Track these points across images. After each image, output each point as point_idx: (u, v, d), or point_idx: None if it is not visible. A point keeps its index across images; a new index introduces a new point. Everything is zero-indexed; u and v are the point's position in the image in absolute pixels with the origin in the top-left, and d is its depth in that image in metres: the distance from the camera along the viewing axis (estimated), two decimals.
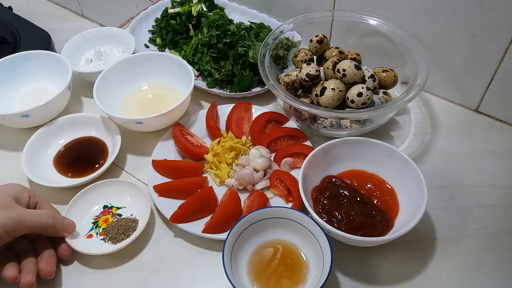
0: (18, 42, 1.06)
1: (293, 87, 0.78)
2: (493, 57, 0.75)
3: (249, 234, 0.61)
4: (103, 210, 0.71)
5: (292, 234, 0.63)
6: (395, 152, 0.66)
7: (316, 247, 0.59)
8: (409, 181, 0.64)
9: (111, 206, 0.71)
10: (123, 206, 0.71)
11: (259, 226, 0.62)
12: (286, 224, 0.62)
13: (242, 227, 0.61)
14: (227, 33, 0.90)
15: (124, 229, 0.66)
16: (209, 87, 0.87)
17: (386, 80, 0.78)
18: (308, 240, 0.61)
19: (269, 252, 0.62)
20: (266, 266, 0.60)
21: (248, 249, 0.62)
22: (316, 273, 0.58)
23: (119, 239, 0.66)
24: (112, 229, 0.66)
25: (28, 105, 0.79)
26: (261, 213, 0.62)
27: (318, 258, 0.59)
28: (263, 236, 0.63)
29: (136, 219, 0.68)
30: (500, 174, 0.73)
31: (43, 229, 0.62)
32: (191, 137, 0.79)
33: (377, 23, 0.81)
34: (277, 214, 0.62)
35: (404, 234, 0.57)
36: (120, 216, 0.70)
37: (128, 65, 0.86)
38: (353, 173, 0.70)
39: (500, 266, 0.62)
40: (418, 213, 0.58)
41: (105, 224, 0.69)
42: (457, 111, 0.84)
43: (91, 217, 0.70)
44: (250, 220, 0.61)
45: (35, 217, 0.61)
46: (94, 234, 0.67)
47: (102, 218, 0.70)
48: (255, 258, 0.61)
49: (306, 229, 0.61)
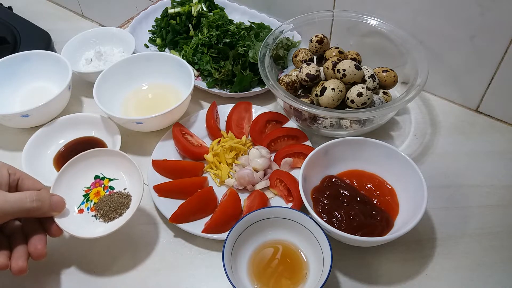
0: (18, 42, 1.06)
1: (293, 87, 0.78)
2: (493, 57, 0.75)
3: (249, 234, 0.61)
4: (94, 181, 0.68)
5: (292, 234, 0.63)
6: (395, 152, 0.66)
7: (316, 247, 0.59)
8: (409, 181, 0.64)
9: (103, 177, 0.68)
10: (116, 178, 0.68)
11: (259, 226, 0.62)
12: (286, 224, 0.62)
13: (242, 227, 0.61)
14: (227, 33, 0.90)
15: (116, 206, 0.64)
16: (209, 87, 0.87)
17: (386, 80, 0.78)
18: (308, 240, 0.61)
19: (269, 252, 0.62)
20: (266, 266, 0.60)
21: (248, 249, 0.62)
22: (316, 273, 0.58)
23: (111, 217, 0.63)
24: (104, 205, 0.64)
25: (28, 105, 0.79)
26: (261, 213, 0.62)
27: (318, 258, 0.59)
28: (263, 236, 0.63)
29: (129, 195, 0.66)
30: (500, 174, 0.73)
31: (28, 213, 0.57)
32: (191, 137, 0.79)
33: (377, 23, 0.81)
34: (277, 214, 0.62)
35: (404, 234, 0.57)
36: (112, 190, 0.67)
37: (128, 65, 0.86)
38: (353, 173, 0.70)
39: (500, 266, 0.62)
40: (418, 213, 0.58)
41: (97, 198, 0.66)
42: (457, 111, 0.84)
43: (82, 189, 0.67)
44: (250, 220, 0.61)
45: (17, 202, 0.55)
46: (85, 209, 0.65)
47: (94, 190, 0.67)
48: (255, 258, 0.61)
49: (306, 229, 0.61)
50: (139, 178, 0.65)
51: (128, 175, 0.68)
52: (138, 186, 0.65)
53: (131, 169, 0.67)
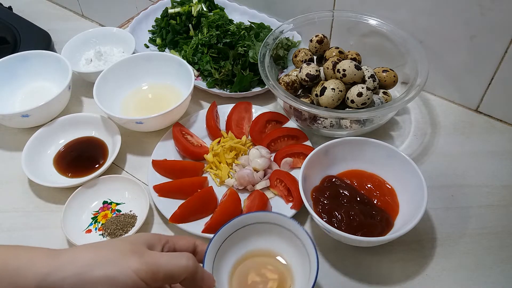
0: (18, 42, 1.06)
1: (293, 87, 0.78)
2: (493, 57, 0.75)
3: (231, 243, 0.57)
4: (102, 206, 0.72)
5: (277, 241, 0.59)
6: (395, 152, 0.66)
7: (304, 256, 0.55)
8: (409, 181, 0.64)
9: (110, 202, 0.72)
10: (123, 202, 0.72)
11: (242, 233, 0.58)
12: (271, 229, 0.58)
13: (223, 237, 0.56)
14: (227, 33, 0.90)
15: (123, 225, 0.67)
16: (209, 87, 0.87)
17: (386, 80, 0.78)
18: (294, 246, 0.57)
19: (251, 265, 0.58)
20: (248, 281, 0.57)
21: (229, 261, 0.58)
22: (302, 281, 0.55)
23: (117, 235, 0.66)
24: (111, 225, 0.67)
25: (28, 105, 0.79)
26: (244, 219, 0.57)
27: (305, 268, 0.55)
28: (246, 245, 0.58)
29: (135, 215, 0.69)
30: (500, 174, 0.73)
31: (181, 274, 0.48)
32: (191, 137, 0.79)
33: (377, 23, 0.81)
34: (261, 219, 0.58)
35: (404, 234, 0.57)
36: (119, 212, 0.70)
37: (128, 65, 0.86)
38: (353, 173, 0.70)
39: (500, 266, 0.62)
40: (418, 213, 0.58)
41: (104, 219, 0.69)
42: (457, 111, 0.84)
43: (90, 212, 0.71)
44: (230, 230, 0.57)
45: (173, 259, 0.48)
46: (93, 229, 0.68)
47: (102, 213, 0.70)
48: (236, 272, 0.58)
49: (291, 233, 0.57)
50: (146, 200, 0.69)
51: (135, 198, 0.72)
52: (144, 207, 0.68)
53: (138, 193, 0.71)
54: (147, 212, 0.67)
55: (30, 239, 0.69)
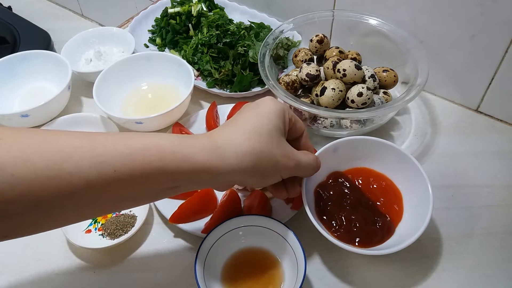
0: (18, 42, 1.06)
1: (293, 87, 0.78)
2: (493, 57, 0.75)
3: (223, 243, 0.60)
4: None
5: (266, 240, 0.61)
6: (407, 158, 0.64)
7: (293, 259, 0.58)
8: (415, 190, 0.62)
9: None
10: None
11: (233, 235, 0.61)
12: (260, 231, 0.61)
13: (216, 237, 0.60)
14: (227, 33, 0.89)
15: (123, 225, 0.67)
16: (209, 87, 0.87)
17: (386, 80, 0.78)
18: (284, 249, 0.59)
19: (244, 260, 0.61)
20: (240, 276, 0.59)
21: (222, 258, 0.60)
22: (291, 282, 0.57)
23: (117, 235, 0.66)
24: (110, 225, 0.67)
25: (27, 105, 0.79)
26: (234, 222, 0.60)
27: (294, 265, 0.57)
28: (237, 245, 0.61)
29: (134, 215, 0.69)
30: (501, 174, 0.73)
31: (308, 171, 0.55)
32: None
33: (377, 23, 0.81)
34: (252, 223, 0.61)
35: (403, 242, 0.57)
36: (119, 212, 0.70)
37: (128, 65, 0.85)
38: (361, 171, 0.68)
39: (500, 266, 0.62)
40: (421, 225, 0.57)
41: (104, 219, 0.69)
42: (458, 111, 0.83)
43: None
44: (222, 231, 0.60)
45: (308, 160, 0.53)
46: (93, 229, 0.68)
47: None
48: (228, 268, 0.60)
49: (278, 235, 0.59)
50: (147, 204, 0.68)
51: None
52: (144, 207, 0.68)
53: None
54: (147, 212, 0.67)
55: (29, 239, 0.68)
